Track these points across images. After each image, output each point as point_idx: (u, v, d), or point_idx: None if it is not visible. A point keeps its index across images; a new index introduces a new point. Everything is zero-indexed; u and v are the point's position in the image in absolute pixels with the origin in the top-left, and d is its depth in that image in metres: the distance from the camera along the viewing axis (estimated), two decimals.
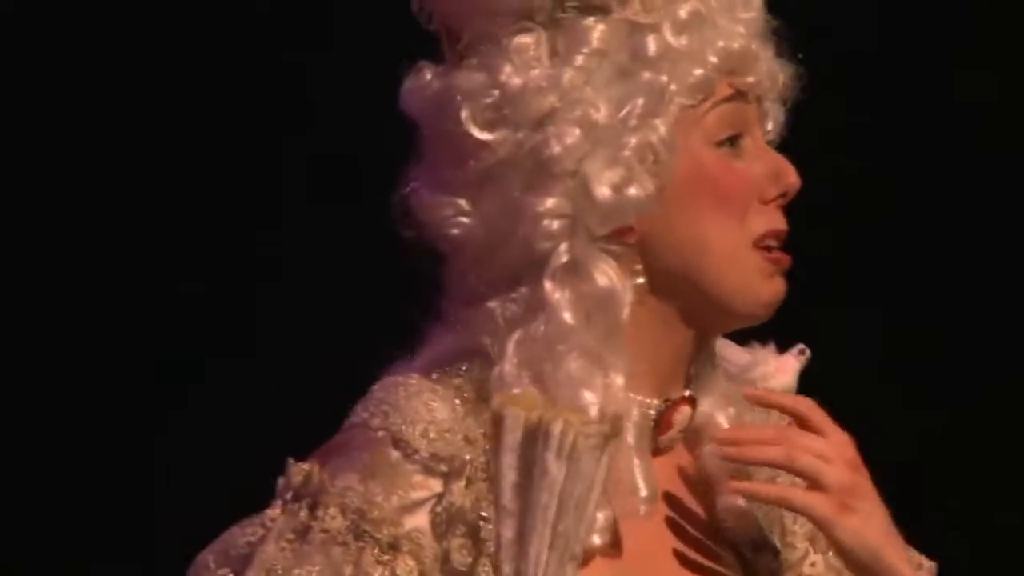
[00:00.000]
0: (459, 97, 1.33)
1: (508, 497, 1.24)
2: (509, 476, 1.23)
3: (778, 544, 1.44)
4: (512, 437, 1.23)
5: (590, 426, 1.25)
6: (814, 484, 1.33)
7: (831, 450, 1.33)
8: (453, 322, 1.37)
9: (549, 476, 1.22)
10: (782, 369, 1.45)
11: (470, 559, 1.29)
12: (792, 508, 1.37)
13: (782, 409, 1.39)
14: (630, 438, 1.33)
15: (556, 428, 1.23)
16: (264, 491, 1.36)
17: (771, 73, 1.38)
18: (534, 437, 1.23)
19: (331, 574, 1.26)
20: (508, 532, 1.23)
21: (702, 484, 1.42)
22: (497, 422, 1.24)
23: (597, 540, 1.30)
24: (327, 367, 2.62)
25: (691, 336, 1.39)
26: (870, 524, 1.33)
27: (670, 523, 1.39)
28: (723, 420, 1.41)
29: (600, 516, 1.29)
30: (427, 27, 1.37)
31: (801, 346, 1.47)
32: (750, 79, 1.36)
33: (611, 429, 1.24)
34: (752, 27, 1.37)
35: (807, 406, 1.37)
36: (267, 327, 2.97)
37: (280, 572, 1.27)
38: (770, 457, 1.33)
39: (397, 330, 1.40)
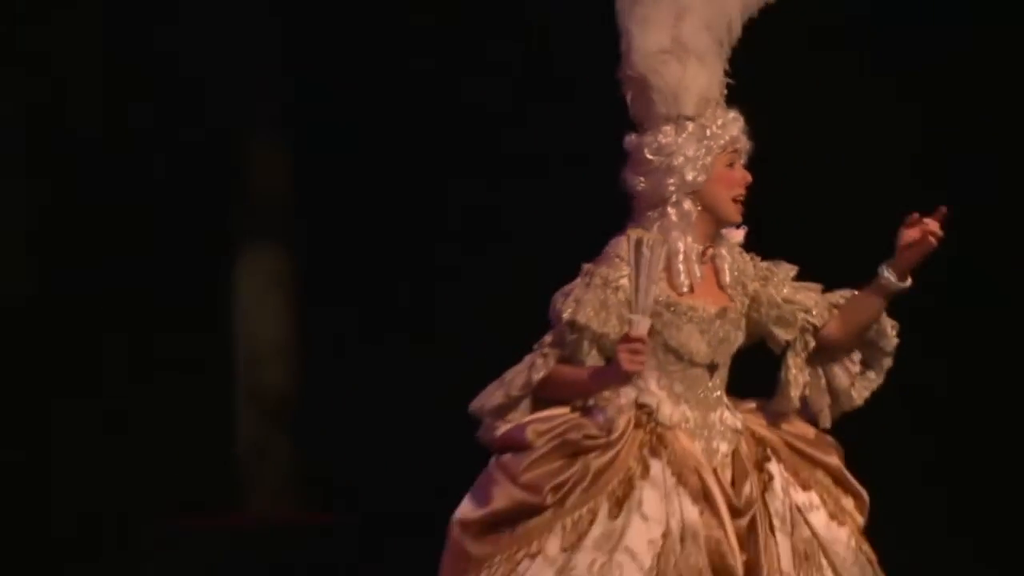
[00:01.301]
0: (643, 143, 3.53)
1: (630, 270, 3.36)
2: (630, 260, 3.37)
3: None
4: (631, 242, 3.36)
5: (657, 238, 3.40)
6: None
7: None
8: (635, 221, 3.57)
9: (643, 258, 3.31)
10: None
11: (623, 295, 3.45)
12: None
13: None
14: (683, 246, 3.51)
15: (646, 237, 3.34)
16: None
17: (745, 143, 3.58)
18: (639, 242, 3.32)
19: (600, 294, 3.43)
20: (631, 286, 3.36)
21: (712, 271, 3.59)
22: (628, 239, 3.41)
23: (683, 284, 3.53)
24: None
25: (715, 227, 3.56)
26: None
27: (705, 283, 3.54)
28: (724, 252, 3.55)
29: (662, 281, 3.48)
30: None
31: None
32: (738, 145, 3.57)
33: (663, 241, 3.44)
34: (741, 126, 3.57)
35: None
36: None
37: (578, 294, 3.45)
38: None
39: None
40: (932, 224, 3.44)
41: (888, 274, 3.50)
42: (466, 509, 3.52)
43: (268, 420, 7.09)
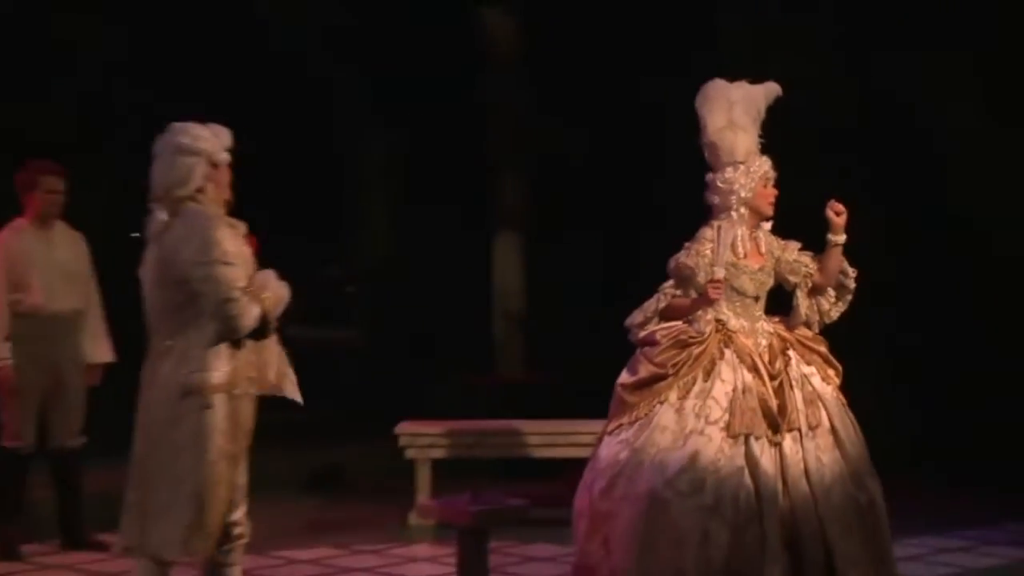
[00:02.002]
0: (716, 178, 5.90)
1: (713, 243, 5.81)
2: (715, 238, 5.84)
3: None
4: (716, 228, 5.85)
5: (728, 224, 5.84)
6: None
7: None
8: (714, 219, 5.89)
9: (721, 235, 5.79)
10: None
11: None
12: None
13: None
14: (740, 232, 5.87)
15: (724, 224, 5.84)
16: None
17: (772, 173, 5.86)
18: (720, 227, 5.81)
19: (695, 257, 5.84)
20: (713, 251, 5.80)
21: (756, 244, 5.89)
22: (714, 226, 5.90)
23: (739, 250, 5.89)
24: None
25: (757, 220, 5.89)
26: None
27: (752, 251, 5.89)
28: (761, 234, 5.91)
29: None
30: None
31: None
32: (769, 174, 5.85)
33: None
34: (769, 164, 5.87)
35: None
36: None
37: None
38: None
39: None
40: (836, 207, 5.76)
41: (831, 237, 5.77)
42: (624, 376, 5.76)
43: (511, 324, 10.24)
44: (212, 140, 4.97)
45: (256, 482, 5.16)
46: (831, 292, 5.97)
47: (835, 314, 6.00)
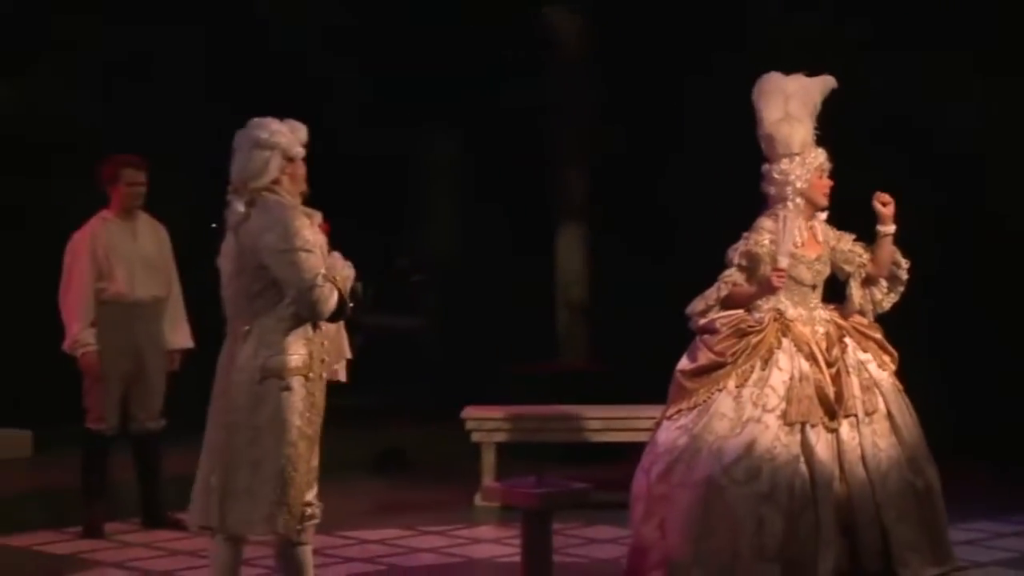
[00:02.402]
0: (773, 169, 5.98)
1: (776, 235, 5.90)
2: (778, 229, 5.94)
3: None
4: (780, 219, 5.94)
5: (791, 215, 5.93)
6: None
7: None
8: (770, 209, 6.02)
9: (784, 225, 5.88)
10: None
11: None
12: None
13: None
14: (798, 223, 5.96)
15: (789, 215, 5.95)
16: None
17: (828, 164, 5.96)
18: (785, 218, 5.90)
19: (754, 246, 5.97)
20: (777, 240, 5.90)
21: (812, 234, 6.00)
22: (779, 217, 5.98)
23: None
24: None
25: (812, 211, 6.01)
26: None
27: (809, 241, 6.01)
28: (817, 224, 6.03)
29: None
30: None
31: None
32: (824, 165, 5.94)
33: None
34: (825, 155, 5.98)
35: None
36: None
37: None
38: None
39: None
40: (882, 197, 5.89)
41: (880, 228, 5.87)
42: (684, 363, 5.86)
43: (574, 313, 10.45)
44: (288, 135, 5.08)
45: (326, 464, 5.21)
46: (883, 282, 6.07)
47: (888, 304, 6.10)
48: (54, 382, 7.73)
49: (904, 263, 6.06)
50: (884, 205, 5.90)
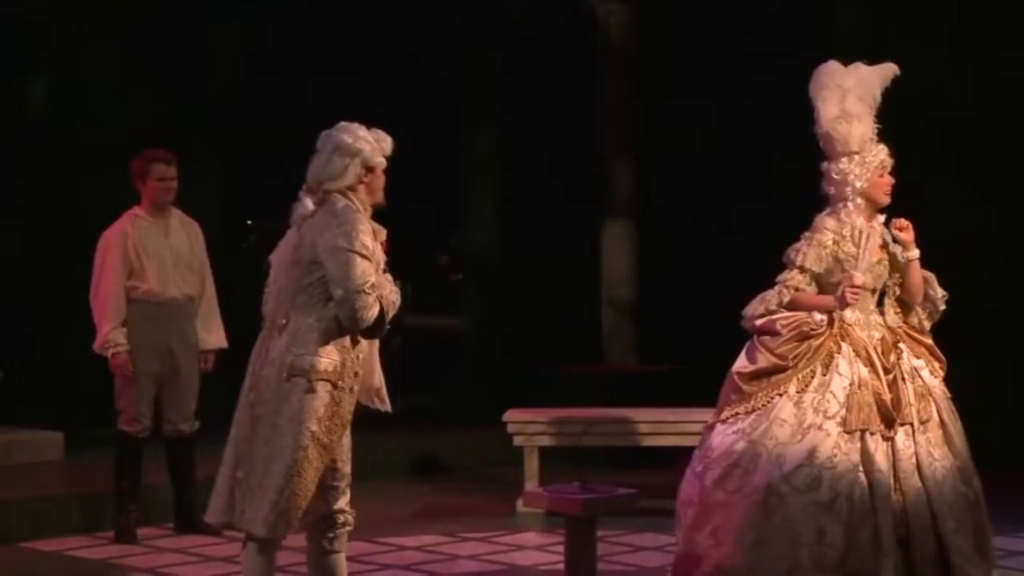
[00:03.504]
0: (831, 168, 5.80)
1: (858, 248, 5.73)
2: (859, 241, 5.74)
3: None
4: (863, 234, 5.73)
5: (872, 229, 5.76)
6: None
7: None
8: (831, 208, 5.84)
9: (866, 240, 5.72)
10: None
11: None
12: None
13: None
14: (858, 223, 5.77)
15: (873, 231, 5.79)
16: None
17: (889, 161, 5.79)
18: (868, 234, 5.71)
19: (817, 249, 5.77)
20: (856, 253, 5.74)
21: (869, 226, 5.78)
22: (862, 232, 5.75)
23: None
24: None
25: (872, 210, 5.77)
26: None
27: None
28: (876, 225, 5.78)
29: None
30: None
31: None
32: (886, 163, 5.74)
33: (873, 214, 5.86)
34: (886, 152, 5.79)
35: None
36: None
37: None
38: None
39: None
40: (899, 223, 5.74)
41: (906, 255, 5.74)
42: (741, 364, 5.70)
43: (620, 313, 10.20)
44: (372, 144, 5.04)
45: (364, 469, 5.22)
46: (920, 311, 5.92)
47: (930, 324, 5.95)
48: (86, 383, 7.67)
49: (942, 293, 5.87)
50: (901, 231, 5.75)
